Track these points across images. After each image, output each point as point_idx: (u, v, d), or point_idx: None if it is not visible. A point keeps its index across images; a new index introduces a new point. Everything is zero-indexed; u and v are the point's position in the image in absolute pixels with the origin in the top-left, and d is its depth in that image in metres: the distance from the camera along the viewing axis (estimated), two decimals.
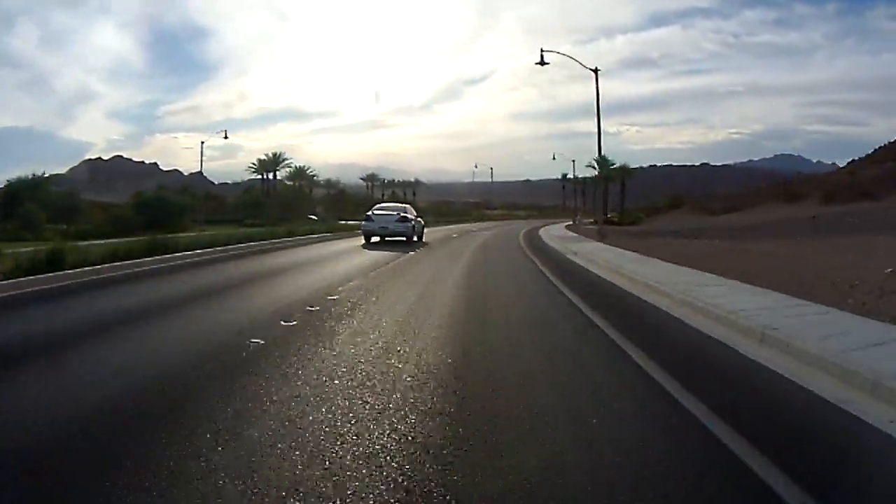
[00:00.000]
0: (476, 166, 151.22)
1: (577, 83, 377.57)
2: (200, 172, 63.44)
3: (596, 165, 73.47)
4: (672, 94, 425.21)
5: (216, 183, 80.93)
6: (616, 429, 3.33)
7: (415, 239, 21.53)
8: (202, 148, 52.23)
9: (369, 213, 21.93)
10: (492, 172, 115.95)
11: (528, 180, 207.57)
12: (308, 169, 75.24)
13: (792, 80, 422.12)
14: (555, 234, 29.46)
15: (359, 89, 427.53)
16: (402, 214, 21.37)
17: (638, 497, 2.49)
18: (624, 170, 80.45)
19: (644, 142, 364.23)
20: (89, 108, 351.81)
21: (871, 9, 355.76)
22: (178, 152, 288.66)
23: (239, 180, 77.97)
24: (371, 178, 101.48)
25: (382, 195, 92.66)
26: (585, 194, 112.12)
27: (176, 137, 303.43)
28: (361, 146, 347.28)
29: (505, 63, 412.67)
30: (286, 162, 71.47)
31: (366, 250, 17.17)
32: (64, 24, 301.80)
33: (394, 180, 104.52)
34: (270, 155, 70.94)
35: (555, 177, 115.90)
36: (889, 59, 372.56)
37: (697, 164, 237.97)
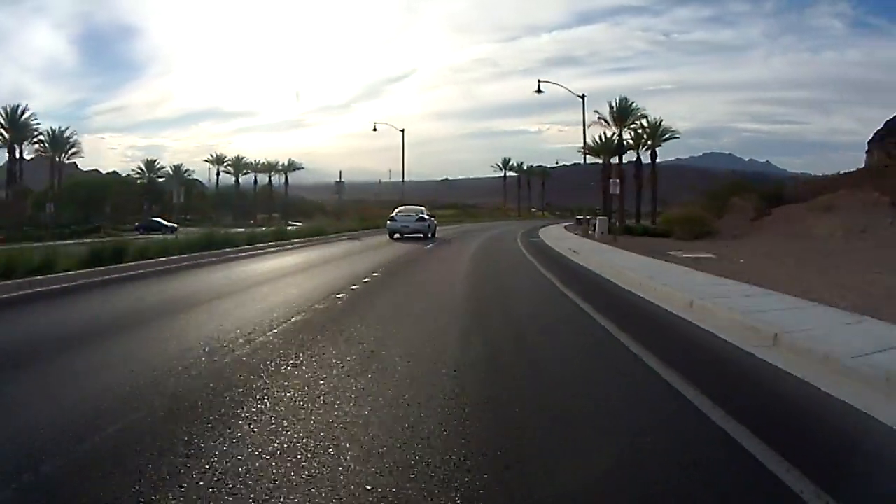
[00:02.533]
0: (374, 126, 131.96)
1: (499, 82, 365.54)
2: (115, 172, 58.73)
3: (609, 118, 43.85)
4: (597, 93, 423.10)
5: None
6: None
7: (430, 235, 26.05)
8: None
9: (393, 214, 26.68)
10: (403, 153, 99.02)
11: (446, 179, 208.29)
12: (68, 132, 48.72)
13: (724, 77, 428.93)
14: None
15: (280, 88, 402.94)
16: (420, 215, 26.27)
17: None
18: (653, 130, 45.84)
19: (566, 140, 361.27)
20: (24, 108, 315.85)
21: (812, 6, 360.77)
22: (104, 152, 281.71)
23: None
24: (219, 161, 69.55)
25: (233, 181, 68.60)
26: (532, 187, 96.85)
27: (103, 138, 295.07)
28: (282, 145, 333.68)
29: (427, 61, 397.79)
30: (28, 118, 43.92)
31: None
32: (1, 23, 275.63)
33: (254, 161, 72.49)
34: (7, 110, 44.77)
35: (477, 175, 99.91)
36: (830, 58, 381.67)
37: (624, 162, 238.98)
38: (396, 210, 27.50)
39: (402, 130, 44.83)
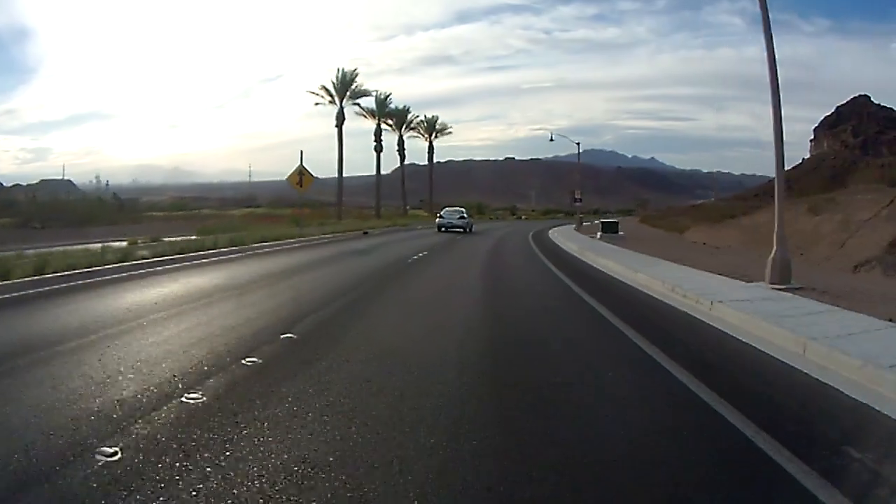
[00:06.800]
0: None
1: (373, 81, 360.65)
2: None
3: None
4: (471, 91, 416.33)
5: (5, 185, 71.97)
6: None
7: (468, 230, 32.99)
8: None
9: (441, 213, 35.60)
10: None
11: (315, 178, 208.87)
12: None
13: (606, 75, 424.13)
14: None
15: (158, 89, 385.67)
16: (461, 215, 34.65)
17: None
18: None
19: (437, 138, 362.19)
20: None
21: (711, 3, 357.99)
22: None
23: (33, 181, 65.36)
24: None
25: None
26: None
27: None
28: (161, 147, 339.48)
29: (302, 61, 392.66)
30: None
31: None
32: None
33: None
34: None
35: (356, 174, 73.92)
36: (726, 54, 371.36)
37: (501, 158, 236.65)
38: (444, 210, 36.83)
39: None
